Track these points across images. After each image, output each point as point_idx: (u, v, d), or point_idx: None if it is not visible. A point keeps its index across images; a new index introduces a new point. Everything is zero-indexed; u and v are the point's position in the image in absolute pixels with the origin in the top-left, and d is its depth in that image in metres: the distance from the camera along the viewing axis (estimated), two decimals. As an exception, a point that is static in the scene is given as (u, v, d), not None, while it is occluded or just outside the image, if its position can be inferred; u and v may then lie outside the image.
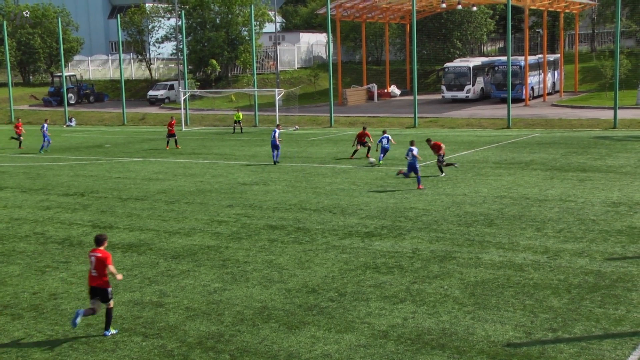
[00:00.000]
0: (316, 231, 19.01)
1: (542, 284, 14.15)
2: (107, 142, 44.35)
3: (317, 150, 37.39)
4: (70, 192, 26.27)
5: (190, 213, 21.91)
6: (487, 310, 12.81)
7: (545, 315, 12.50)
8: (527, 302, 13.13)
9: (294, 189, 25.77)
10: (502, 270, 15.16)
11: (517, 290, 13.78)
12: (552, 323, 12.14)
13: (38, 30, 79.35)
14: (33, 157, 37.88)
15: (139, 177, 29.71)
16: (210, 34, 71.19)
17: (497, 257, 16.10)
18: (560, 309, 12.78)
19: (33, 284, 15.19)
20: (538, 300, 13.25)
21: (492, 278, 14.60)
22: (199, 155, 36.99)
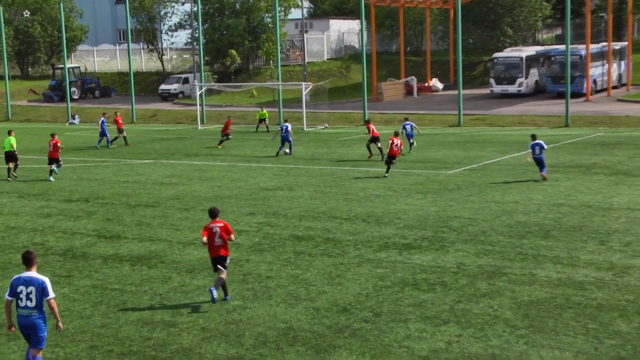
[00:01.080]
0: (348, 242, 18.98)
1: (607, 305, 13.96)
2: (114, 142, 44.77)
3: (348, 152, 37.38)
4: (73, 198, 26.56)
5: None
6: (543, 334, 12.67)
7: (611, 341, 12.34)
8: (589, 326, 12.97)
9: (323, 194, 25.77)
10: (560, 288, 15.00)
11: (578, 312, 13.61)
12: (619, 350, 11.97)
13: (38, 17, 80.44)
14: (30, 158, 38.35)
15: (149, 181, 29.94)
16: (229, 21, 71.63)
17: (554, 274, 15.93)
18: (629, 334, 12.60)
19: (32, 300, 15.32)
20: (603, 323, 13.07)
21: (549, 297, 14.45)
22: (217, 157, 37.19)
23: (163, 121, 59.50)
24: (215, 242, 14.73)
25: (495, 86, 60.88)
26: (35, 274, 11.14)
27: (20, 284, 11.06)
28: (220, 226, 14.76)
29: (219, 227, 14.76)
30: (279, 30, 57.74)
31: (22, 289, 11.02)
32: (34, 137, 49.43)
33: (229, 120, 42.03)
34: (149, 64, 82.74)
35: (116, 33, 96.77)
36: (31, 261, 11.20)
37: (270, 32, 69.43)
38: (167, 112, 61.83)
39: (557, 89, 57.80)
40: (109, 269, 17.31)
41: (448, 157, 34.50)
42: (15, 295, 11.07)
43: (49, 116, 64.86)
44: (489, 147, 37.47)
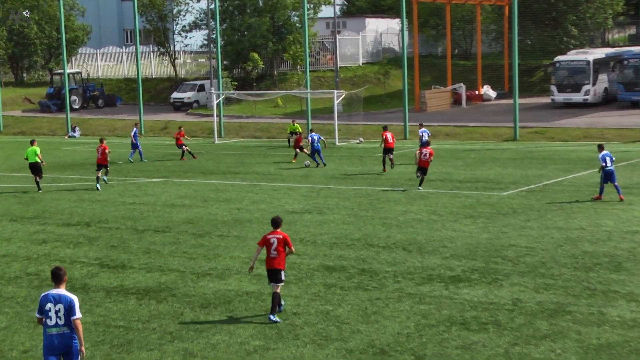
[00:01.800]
0: (386, 274, 18.92)
1: (688, 349, 13.76)
2: (120, 158, 45.16)
3: (386, 170, 37.36)
4: (73, 222, 26.80)
5: (224, 249, 22.08)
6: (615, 383, 12.49)
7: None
8: (668, 374, 12.77)
9: (358, 219, 25.74)
10: (635, 330, 14.82)
11: (655, 357, 13.43)
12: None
13: (34, 15, 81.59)
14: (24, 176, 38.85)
15: (159, 202, 30.15)
16: (250, 20, 72.17)
17: (627, 313, 15.75)
18: None
19: (24, 340, 15.48)
20: (683, 371, 12.87)
21: (622, 341, 14.29)
22: (236, 175, 37.35)
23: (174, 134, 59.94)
24: (271, 253, 16.04)
25: (557, 94, 60.55)
26: (64, 292, 11.88)
27: (48, 301, 11.80)
28: (279, 238, 16.05)
29: (277, 238, 16.04)
30: (307, 30, 58.03)
31: (50, 307, 11.77)
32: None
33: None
34: (160, 69, 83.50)
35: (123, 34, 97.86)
36: (60, 278, 11.94)
37: (298, 32, 69.77)
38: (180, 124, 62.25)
39: (631, 98, 57.34)
40: (112, 303, 17.41)
41: (502, 176, 34.33)
42: (44, 314, 11.80)
43: (46, 128, 65.64)
44: (549, 165, 37.24)
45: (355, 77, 73.43)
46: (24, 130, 65.29)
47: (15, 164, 43.66)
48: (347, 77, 72.48)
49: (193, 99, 70.93)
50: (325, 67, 75.76)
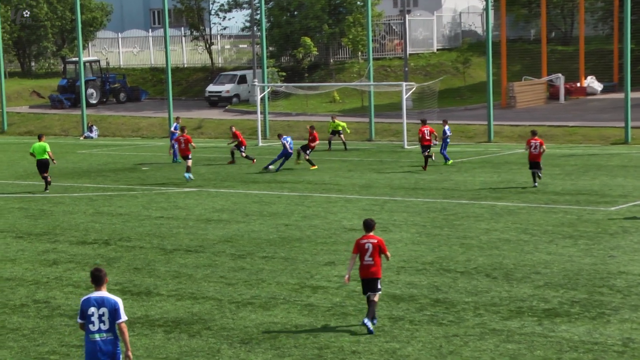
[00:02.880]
0: (465, 306, 18.83)
1: None
2: (145, 163, 45.60)
3: (466, 179, 37.21)
4: (89, 239, 27.11)
5: (269, 274, 22.15)
6: None
7: None
8: None
9: (430, 238, 25.65)
10: None
11: None
12: None
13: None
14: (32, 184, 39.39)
15: (191, 216, 30.36)
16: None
17: None
18: None
19: (32, 378, 15.71)
20: None
21: None
22: (283, 184, 37.47)
23: (211, 135, 60.36)
24: (365, 260, 17.23)
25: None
26: (106, 294, 13.00)
27: (91, 305, 12.87)
28: (374, 242, 17.23)
29: (372, 243, 17.21)
30: (371, 10, 58.02)
31: (93, 311, 12.83)
32: (38, 156, 50.74)
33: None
34: (193, 56, 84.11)
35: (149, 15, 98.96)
36: (101, 280, 13.04)
37: (359, 12, 69.85)
38: (216, 123, 62.70)
39: None
40: (135, 337, 17.58)
41: (610, 187, 33.96)
42: (86, 319, 12.85)
43: (58, 127, 66.57)
44: (668, 174, 36.80)
45: (428, 66, 73.23)
46: (32, 130, 66.18)
47: (20, 169, 44.35)
48: (418, 67, 72.31)
49: (232, 92, 71.33)
50: (392, 54, 75.69)
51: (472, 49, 75.18)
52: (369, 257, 17.21)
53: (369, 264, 17.23)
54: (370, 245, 17.21)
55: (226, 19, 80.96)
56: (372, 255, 17.20)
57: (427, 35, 78.04)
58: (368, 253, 17.19)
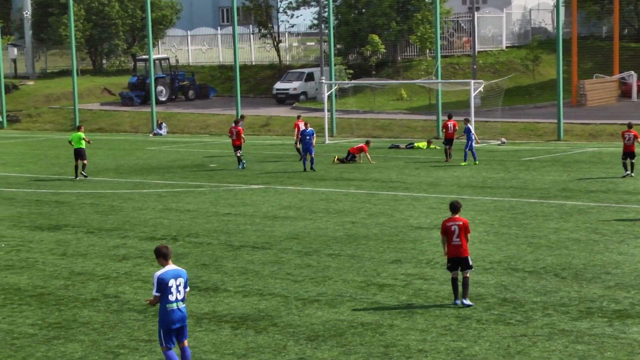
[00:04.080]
0: (533, 306, 18.70)
1: None
2: (212, 161, 45.91)
3: (535, 177, 36.94)
4: (158, 235, 27.38)
5: (336, 271, 22.18)
6: None
7: None
8: None
9: (498, 237, 25.51)
10: None
11: None
12: None
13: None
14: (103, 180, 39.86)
15: (258, 213, 30.53)
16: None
17: None
18: None
19: (101, 371, 15.91)
20: None
21: None
22: (350, 182, 37.49)
23: (278, 132, 60.55)
24: (453, 241, 18.50)
25: None
26: (175, 266, 14.74)
27: (170, 277, 14.48)
28: (459, 224, 18.49)
29: (458, 225, 18.47)
30: (439, 7, 57.81)
31: (172, 283, 14.46)
32: (108, 153, 51.34)
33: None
34: (261, 54, 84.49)
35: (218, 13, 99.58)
36: (169, 255, 14.71)
37: (427, 10, 69.64)
38: (283, 120, 62.87)
39: None
40: (203, 332, 17.72)
41: None
42: (166, 290, 14.41)
43: (127, 124, 67.32)
44: None
45: (497, 63, 72.76)
46: (102, 127, 67.10)
47: (92, 165, 44.89)
48: (487, 64, 71.88)
49: (300, 90, 71.51)
50: (460, 51, 75.33)
51: (542, 47, 74.49)
52: (457, 238, 18.44)
53: (457, 245, 18.48)
54: (456, 227, 18.43)
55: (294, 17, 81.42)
56: (459, 236, 18.43)
57: (496, 32, 77.49)
58: (455, 234, 18.43)
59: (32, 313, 19.40)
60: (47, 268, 23.41)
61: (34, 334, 17.91)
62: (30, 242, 26.80)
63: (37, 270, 23.27)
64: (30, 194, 36.33)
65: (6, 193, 36.78)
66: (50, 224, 29.79)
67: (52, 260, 24.41)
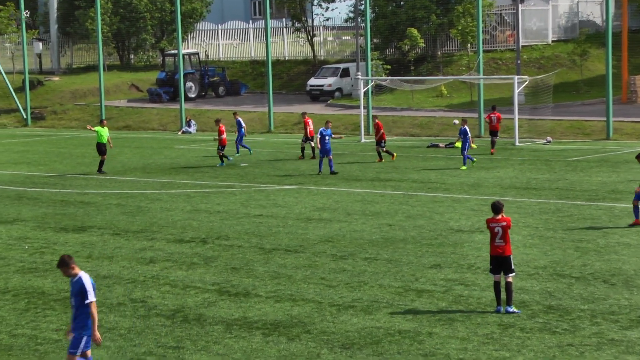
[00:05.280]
0: (580, 314, 18.56)
1: None
2: (243, 160, 45.96)
3: (582, 179, 36.71)
4: (186, 237, 27.44)
5: (372, 276, 22.13)
6: None
7: None
8: None
9: (543, 241, 25.36)
10: None
11: None
12: None
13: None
14: (129, 180, 40.01)
15: (291, 215, 30.52)
16: (408, -13, 72.31)
17: None
18: None
19: (127, 379, 15.94)
20: None
21: None
22: (387, 182, 37.42)
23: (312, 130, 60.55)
24: (496, 242, 18.80)
25: None
26: None
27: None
28: (503, 225, 18.76)
29: (501, 226, 18.75)
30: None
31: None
32: (135, 152, 51.55)
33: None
34: (294, 49, 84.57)
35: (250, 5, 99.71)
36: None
37: (469, 2, 69.36)
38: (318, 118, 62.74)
39: None
40: (233, 339, 17.72)
41: None
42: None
43: (156, 122, 67.54)
44: None
45: (542, 58, 72.39)
46: (130, 125, 67.35)
47: (118, 165, 45.12)
48: (531, 59, 71.53)
49: (334, 86, 71.47)
50: (503, 46, 75.00)
51: (591, 40, 73.91)
52: (500, 239, 18.74)
53: (500, 245, 18.76)
54: (500, 229, 18.71)
55: (329, 10, 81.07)
56: (503, 237, 18.71)
57: (541, 25, 77.05)
58: (498, 236, 18.73)
59: (56, 318, 19.51)
60: (72, 271, 23.50)
61: (58, 339, 18.00)
62: (54, 244, 26.95)
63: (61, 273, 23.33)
64: (55, 194, 36.53)
65: (31, 193, 37.01)
66: (76, 225, 29.95)
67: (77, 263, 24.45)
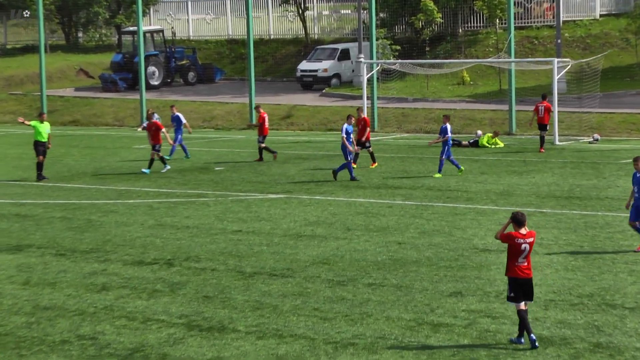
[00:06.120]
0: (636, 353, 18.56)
1: None
2: (218, 162, 45.91)
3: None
4: (148, 259, 27.35)
5: (377, 306, 22.09)
6: None
7: None
8: None
9: (589, 263, 25.36)
10: None
11: None
12: None
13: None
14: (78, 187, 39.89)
15: (277, 231, 30.47)
16: (422, -51, 72.40)
17: None
18: None
19: None
20: None
21: None
22: (396, 190, 37.41)
23: (303, 126, 60.51)
24: (518, 261, 18.58)
25: None
26: None
27: None
28: (530, 242, 18.65)
29: (529, 243, 18.66)
30: (512, -36, 57.62)
31: None
32: (84, 152, 51.46)
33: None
34: (282, 25, 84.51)
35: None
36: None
37: (497, -33, 69.45)
38: (310, 111, 62.87)
39: None
40: (205, 384, 17.70)
41: None
42: None
43: (110, 116, 67.47)
44: None
45: (588, 37, 72.50)
46: (78, 119, 67.28)
47: (63, 169, 45.03)
48: (575, 38, 71.66)
49: (331, 71, 71.46)
50: (540, 21, 75.09)
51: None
52: (523, 258, 18.60)
53: (523, 265, 18.60)
54: (527, 246, 18.58)
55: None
56: (526, 256, 18.60)
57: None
58: (524, 254, 18.57)
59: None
60: (5, 301, 23.41)
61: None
62: (-17, 268, 26.88)
63: (-9, 303, 23.29)
64: (-15, 205, 36.50)
65: (-46, 204, 36.96)
66: (10, 244, 29.82)
67: (12, 290, 24.42)
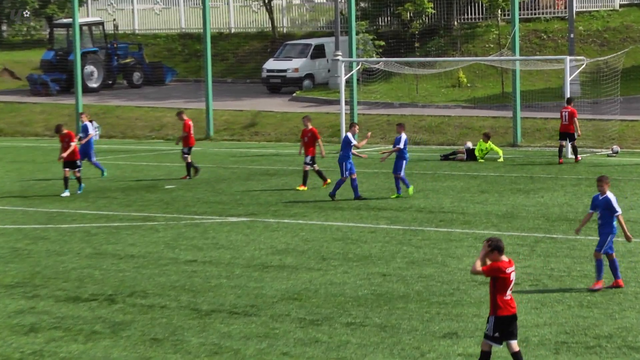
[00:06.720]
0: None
1: None
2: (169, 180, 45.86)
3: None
4: (85, 294, 27.26)
5: (358, 349, 22.06)
6: None
7: None
8: None
9: (608, 298, 25.39)
10: None
11: None
12: None
13: None
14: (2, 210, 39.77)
15: (239, 260, 30.46)
16: None
17: None
18: None
19: None
20: None
21: None
22: (380, 212, 37.47)
23: (270, 137, 60.62)
24: (506, 295, 18.68)
25: None
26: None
27: None
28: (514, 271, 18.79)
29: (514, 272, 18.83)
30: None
31: None
32: (10, 168, 51.36)
33: None
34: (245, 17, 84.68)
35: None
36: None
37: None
38: (278, 118, 62.97)
39: None
40: None
41: None
42: None
43: (40, 123, 67.32)
44: None
45: (606, 30, 72.86)
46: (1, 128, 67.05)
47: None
48: (590, 32, 72.00)
49: (303, 71, 71.53)
50: (549, 12, 75.42)
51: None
52: (510, 291, 18.73)
53: (509, 300, 18.70)
54: (514, 277, 18.78)
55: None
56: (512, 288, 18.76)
57: (604, -16, 77.73)
58: (510, 287, 18.70)
59: None
60: None
61: None
62: None
63: None
64: None
65: None
66: None
67: None
